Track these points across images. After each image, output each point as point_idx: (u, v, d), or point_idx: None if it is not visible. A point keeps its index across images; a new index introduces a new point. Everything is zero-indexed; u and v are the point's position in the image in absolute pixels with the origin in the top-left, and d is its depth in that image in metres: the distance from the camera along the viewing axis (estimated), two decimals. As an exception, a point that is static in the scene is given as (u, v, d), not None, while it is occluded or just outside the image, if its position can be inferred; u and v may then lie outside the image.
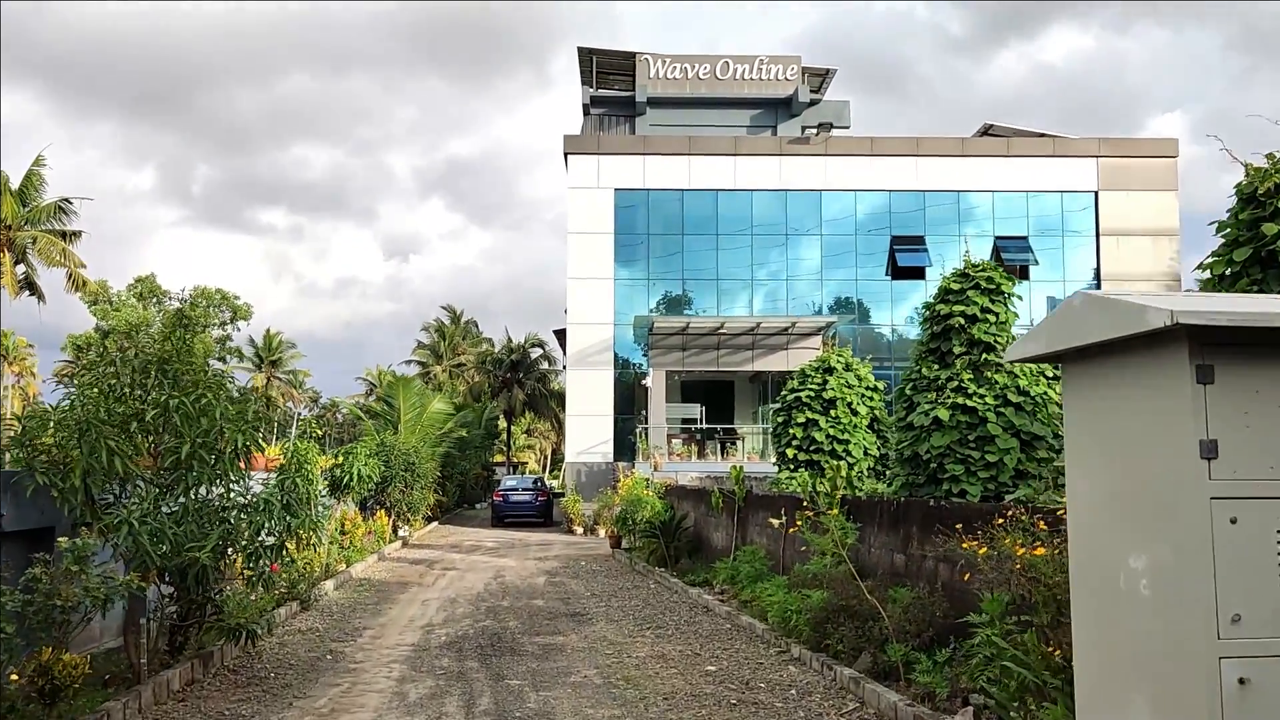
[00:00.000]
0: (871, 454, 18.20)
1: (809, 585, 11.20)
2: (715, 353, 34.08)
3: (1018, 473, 12.64)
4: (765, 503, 15.90)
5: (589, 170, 34.51)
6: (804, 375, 18.96)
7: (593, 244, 34.17)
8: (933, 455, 12.94)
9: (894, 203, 34.79)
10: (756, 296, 35.06)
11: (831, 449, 18.06)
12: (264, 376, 72.94)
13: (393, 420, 32.13)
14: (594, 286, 34.12)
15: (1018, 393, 12.92)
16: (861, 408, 18.37)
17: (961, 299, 13.63)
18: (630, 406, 35.35)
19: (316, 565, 16.84)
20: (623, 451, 34.12)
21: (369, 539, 22.74)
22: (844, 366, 18.78)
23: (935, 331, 13.87)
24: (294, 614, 13.96)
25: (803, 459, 18.26)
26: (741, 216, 34.89)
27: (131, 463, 8.64)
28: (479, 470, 54.54)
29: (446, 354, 72.94)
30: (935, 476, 13.06)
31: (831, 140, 34.95)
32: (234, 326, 65.47)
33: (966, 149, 34.75)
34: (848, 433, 18.09)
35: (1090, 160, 34.43)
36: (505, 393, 67.31)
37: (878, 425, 18.68)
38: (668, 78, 38.54)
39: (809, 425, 18.31)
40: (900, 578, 10.62)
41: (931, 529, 10.12)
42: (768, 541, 15.51)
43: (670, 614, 13.95)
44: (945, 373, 13.47)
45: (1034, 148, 34.69)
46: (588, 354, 34.07)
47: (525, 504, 35.35)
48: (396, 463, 27.11)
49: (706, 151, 34.68)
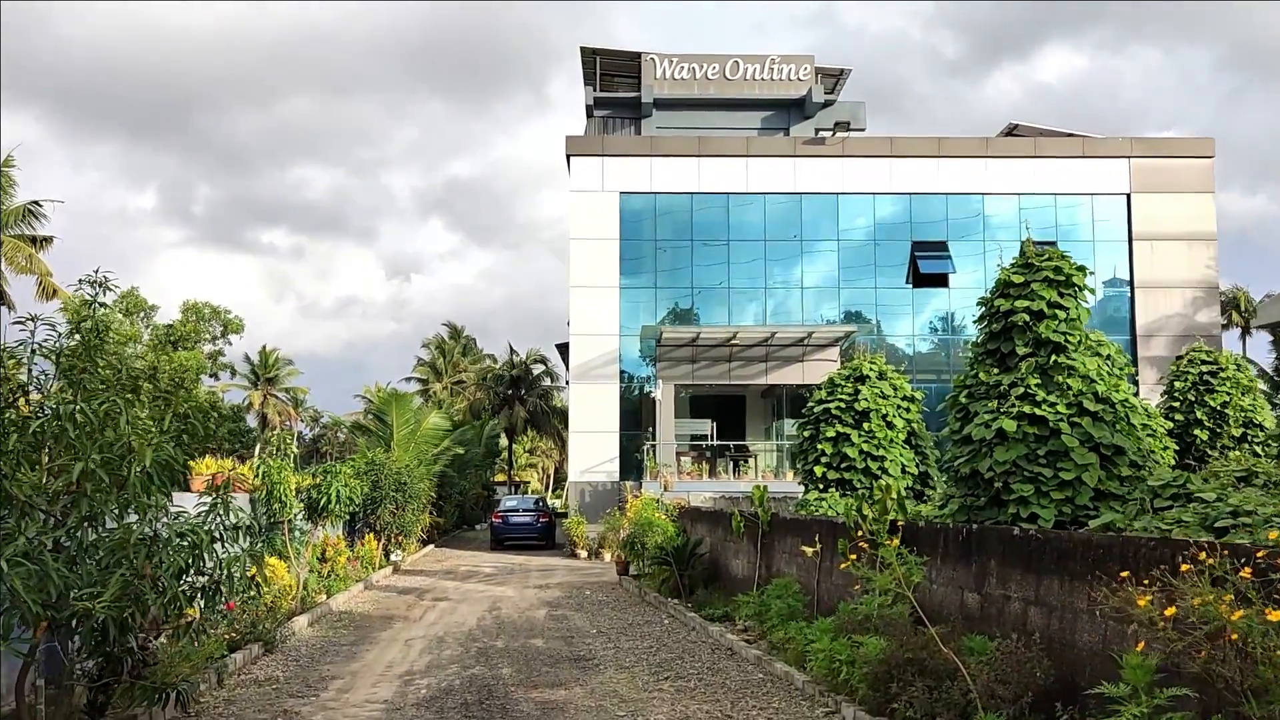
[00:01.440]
0: (910, 472, 16.31)
1: (858, 629, 9.32)
2: (727, 365, 32.20)
3: (1098, 493, 10.75)
4: (795, 528, 14.00)
5: (592, 173, 32.72)
6: (833, 385, 17.09)
7: (597, 250, 32.35)
8: (996, 473, 11.05)
9: (915, 206, 32.96)
10: (769, 306, 33.18)
11: (865, 466, 16.17)
12: (260, 394, 71.20)
13: (385, 437, 30.28)
14: (598, 295, 32.27)
15: (1095, 399, 11.06)
16: (898, 420, 16.48)
17: (1025, 293, 11.77)
18: (636, 423, 33.47)
19: (287, 600, 14.96)
20: (629, 470, 32.22)
21: (354, 566, 20.86)
22: (877, 375, 16.91)
23: (994, 330, 12.01)
24: (254, 659, 12.06)
25: (832, 478, 16.36)
26: (754, 221, 33.07)
27: (10, 483, 6.76)
28: (479, 490, 52.64)
29: (447, 371, 71.20)
30: (999, 498, 11.16)
31: (849, 141, 33.16)
32: (225, 341, 63.58)
33: (991, 149, 32.92)
34: (883, 448, 16.20)
35: (1121, 161, 32.60)
36: (506, 410, 65.46)
37: (915, 440, 16.80)
38: (674, 78, 36.81)
39: (839, 440, 16.42)
40: (974, 623, 8.73)
41: (1016, 564, 8.25)
42: (798, 572, 13.62)
43: (690, 658, 12.03)
44: (1007, 377, 11.61)
45: (1062, 148, 32.87)
46: (592, 367, 32.20)
47: (526, 526, 33.43)
48: (387, 482, 25.29)
49: (717, 153, 32.88)
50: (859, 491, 16.37)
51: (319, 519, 17.09)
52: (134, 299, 61.92)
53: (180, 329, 61.80)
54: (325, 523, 17.45)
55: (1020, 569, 8.14)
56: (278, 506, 16.23)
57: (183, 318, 62.87)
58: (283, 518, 16.49)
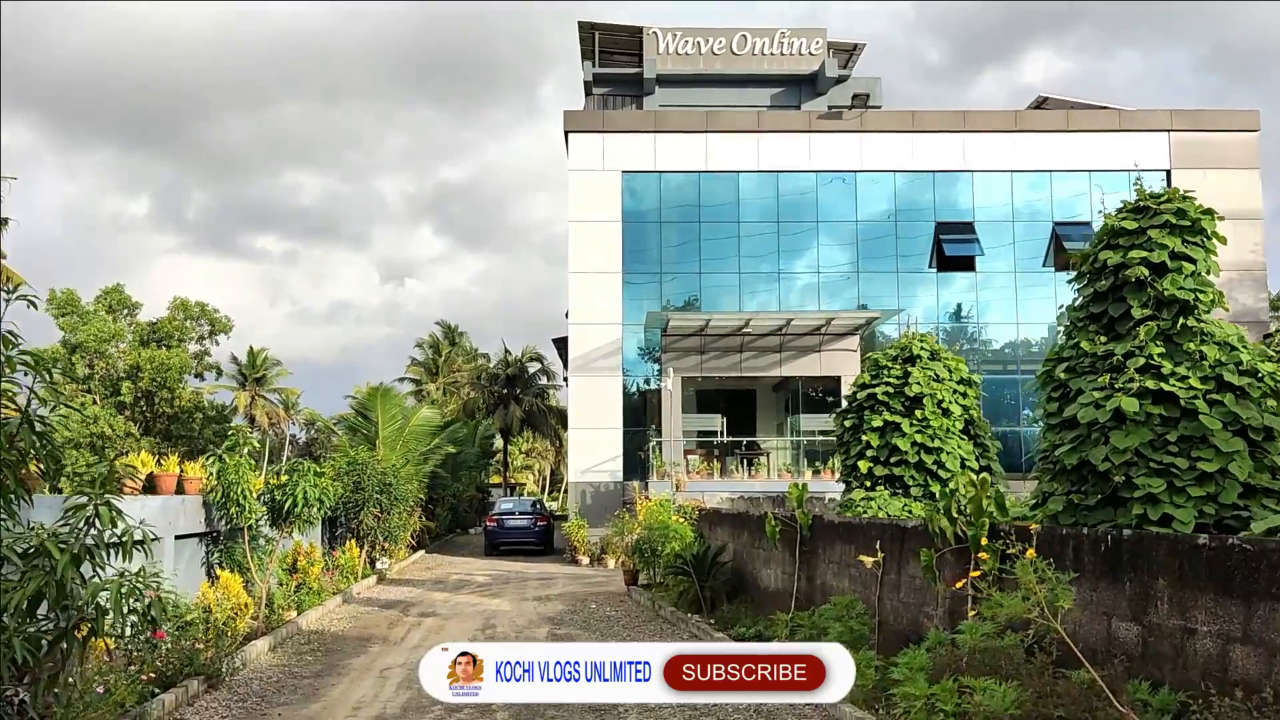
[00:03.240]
0: (970, 466, 14.02)
1: (970, 668, 7.07)
2: (738, 356, 29.90)
3: (1246, 488, 8.51)
4: (845, 533, 11.73)
5: (593, 151, 30.39)
6: (878, 367, 14.82)
7: (597, 233, 30.01)
8: (1114, 464, 8.80)
9: (938, 185, 30.65)
10: (783, 292, 30.85)
11: (918, 460, 13.89)
12: (248, 395, 68.91)
13: (370, 436, 27.95)
14: (599, 282, 29.93)
15: (1238, 372, 8.83)
16: (954, 407, 14.21)
17: (1140, 241, 9.55)
18: (639, 419, 31.18)
19: (244, 619, 12.65)
20: (633, 470, 29.93)
21: (330, 577, 18.57)
22: (929, 354, 14.63)
23: (1099, 290, 9.77)
24: (191, 698, 9.75)
25: (880, 474, 14.08)
26: (766, 202, 30.75)
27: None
28: (473, 492, 50.33)
29: (442, 370, 68.85)
30: (1116, 495, 8.92)
31: (868, 115, 30.85)
32: (213, 341, 61.18)
33: (1020, 123, 30.60)
34: (939, 439, 13.92)
35: (1161, 135, 30.32)
36: (502, 409, 63.05)
37: (974, 430, 14.52)
38: (679, 53, 34.52)
39: (887, 430, 14.15)
40: (1133, 663, 6.48)
41: (1204, 585, 6.00)
42: (851, 586, 11.35)
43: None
44: (1121, 346, 9.36)
45: (1097, 121, 30.58)
46: (593, 359, 29.88)
47: (522, 530, 31.13)
48: (370, 484, 22.99)
49: (726, 128, 30.55)
50: (912, 489, 14.15)
51: (285, 524, 14.77)
52: (117, 295, 59.60)
53: (166, 326, 59.42)
54: (293, 529, 15.12)
55: (1214, 592, 5.89)
56: (235, 510, 13.93)
57: (169, 315, 60.45)
58: (241, 523, 14.20)
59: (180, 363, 56.01)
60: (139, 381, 55.07)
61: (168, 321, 58.31)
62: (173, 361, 54.93)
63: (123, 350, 56.92)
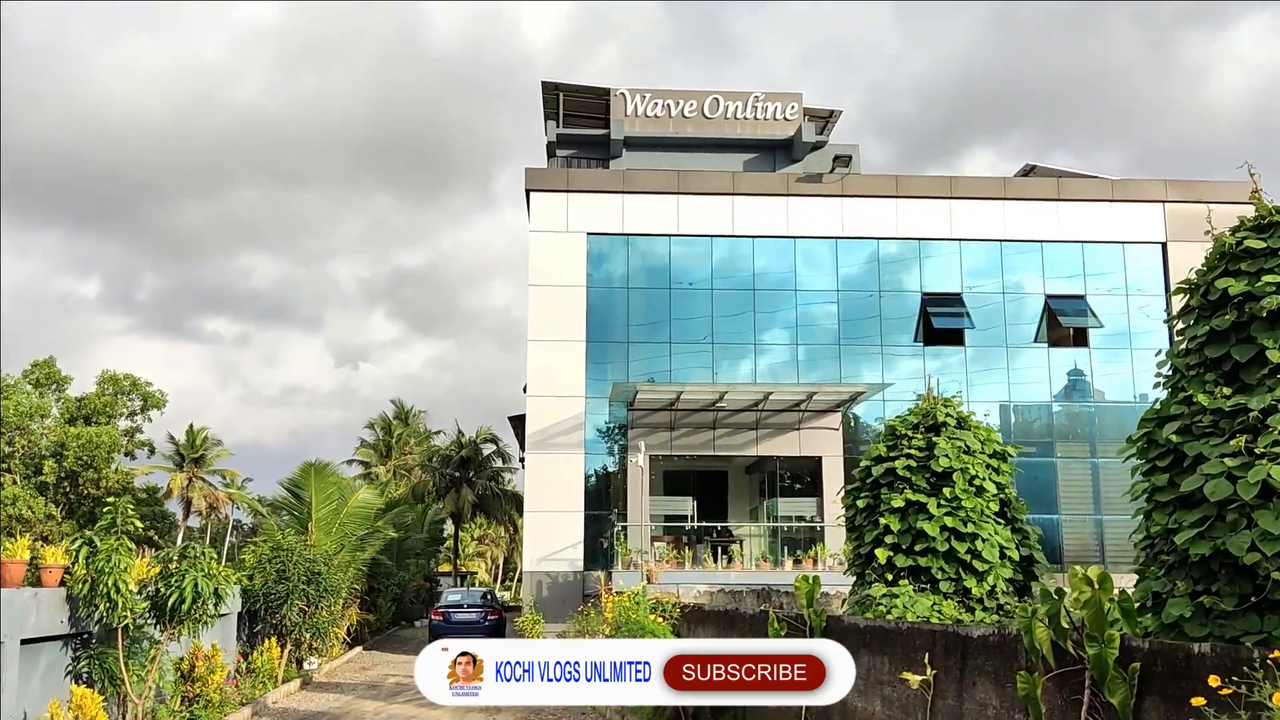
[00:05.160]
0: (1010, 556, 11.65)
1: None
2: (711, 433, 27.51)
3: None
4: (874, 640, 9.21)
5: (555, 211, 28.26)
6: (894, 435, 12.47)
7: (560, 299, 27.71)
8: (1263, 555, 6.47)
9: (924, 254, 28.86)
10: (759, 365, 28.64)
11: (949, 549, 11.48)
12: (185, 477, 65.10)
13: (302, 518, 25.04)
14: (561, 351, 27.54)
15: None
16: (988, 484, 11.86)
17: (1272, 265, 7.40)
18: (601, 502, 28.55)
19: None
20: (594, 558, 27.22)
21: (232, 686, 15.63)
22: (955, 422, 12.33)
23: (1216, 329, 7.53)
24: None
25: (902, 565, 11.62)
26: (741, 269, 28.71)
27: None
28: (420, 581, 47.00)
29: (395, 452, 65.60)
30: (1266, 597, 6.57)
31: (849, 179, 29.11)
32: (145, 418, 57.73)
33: (1009, 190, 29.02)
34: (973, 523, 11.54)
35: (1156, 206, 28.85)
36: (453, 493, 59.83)
37: (1010, 511, 12.17)
38: (647, 115, 32.78)
39: (910, 512, 11.74)
40: None
41: None
42: (885, 711, 8.81)
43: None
44: (1256, 399, 7.08)
45: (1089, 190, 29.08)
46: (552, 434, 27.32)
47: (471, 624, 28.08)
48: (296, 573, 20.17)
49: (699, 190, 28.63)
50: (941, 584, 11.71)
51: (172, 624, 11.98)
52: (46, 370, 56.20)
53: (94, 402, 56.06)
54: (182, 629, 12.28)
55: None
56: (105, 607, 11.16)
57: (98, 389, 57.09)
58: (115, 623, 11.41)
59: (109, 440, 52.72)
60: (64, 460, 51.67)
61: (96, 397, 55.03)
62: (101, 439, 51.71)
63: (48, 426, 53.58)
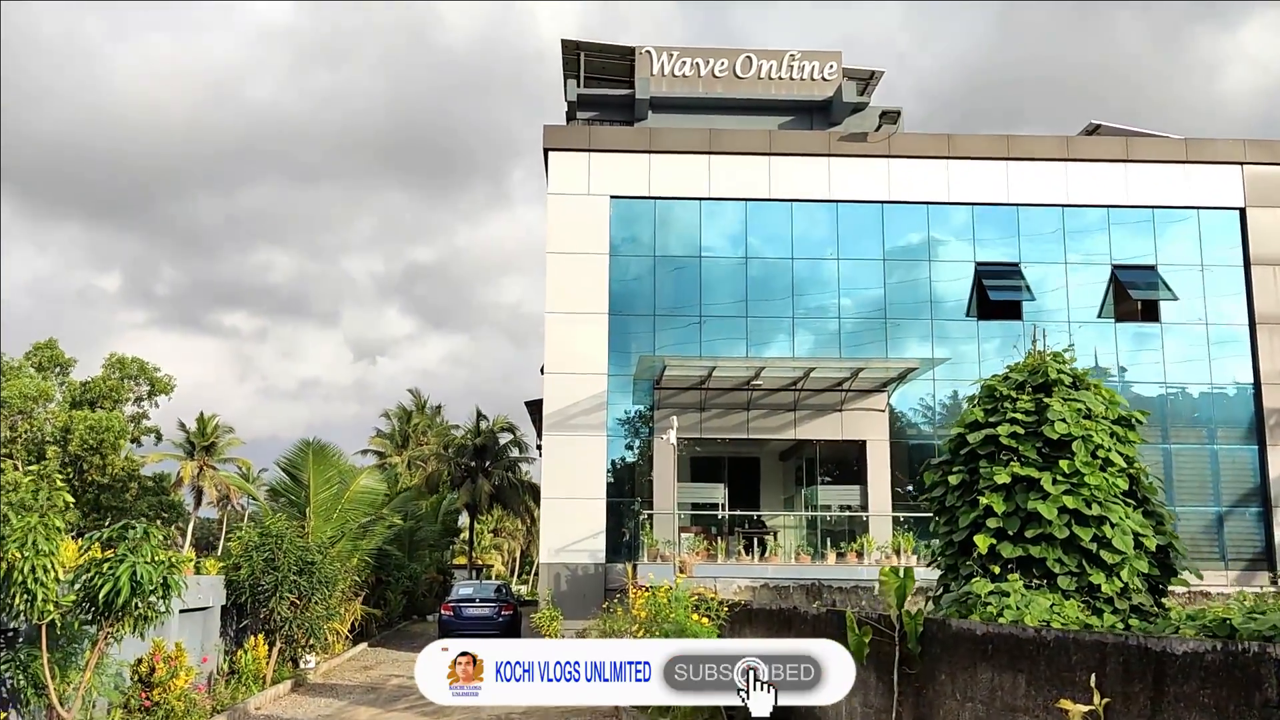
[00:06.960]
0: (1145, 545, 9.31)
1: None
2: (744, 414, 25.17)
3: None
4: (999, 652, 6.88)
5: (576, 172, 25.95)
6: (993, 397, 10.14)
7: (580, 267, 25.40)
8: None
9: (979, 219, 26.41)
10: (798, 340, 26.24)
11: (1069, 536, 9.14)
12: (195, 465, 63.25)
13: (299, 503, 22.91)
14: (581, 324, 25.22)
15: None
16: (1115, 457, 9.53)
17: None
18: (623, 490, 26.28)
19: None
20: (616, 550, 24.97)
21: (202, 693, 13.42)
22: (1070, 381, 9.99)
23: None
24: None
25: (1009, 554, 9.29)
26: (779, 236, 26.32)
27: None
28: (433, 574, 44.91)
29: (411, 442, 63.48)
30: None
31: (896, 139, 26.65)
32: (152, 403, 55.91)
33: (1072, 150, 26.42)
34: (1099, 504, 9.20)
35: (1233, 168, 26.26)
36: (469, 483, 57.67)
37: (1141, 491, 9.82)
38: (675, 75, 30.36)
39: (1018, 489, 9.42)
40: None
41: None
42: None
43: None
44: None
45: (1161, 151, 26.46)
46: (572, 415, 25.04)
47: (484, 620, 25.90)
48: (285, 563, 18.00)
49: (732, 149, 26.22)
50: (1060, 579, 9.36)
51: (109, 620, 9.77)
52: (49, 352, 54.37)
53: (100, 386, 54.25)
54: (124, 627, 10.04)
55: None
56: (23, 601, 8.98)
57: (104, 373, 55.26)
58: (37, 618, 9.22)
59: (117, 425, 50.96)
60: (68, 446, 49.90)
61: (102, 381, 53.14)
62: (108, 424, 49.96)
63: (51, 411, 51.78)
